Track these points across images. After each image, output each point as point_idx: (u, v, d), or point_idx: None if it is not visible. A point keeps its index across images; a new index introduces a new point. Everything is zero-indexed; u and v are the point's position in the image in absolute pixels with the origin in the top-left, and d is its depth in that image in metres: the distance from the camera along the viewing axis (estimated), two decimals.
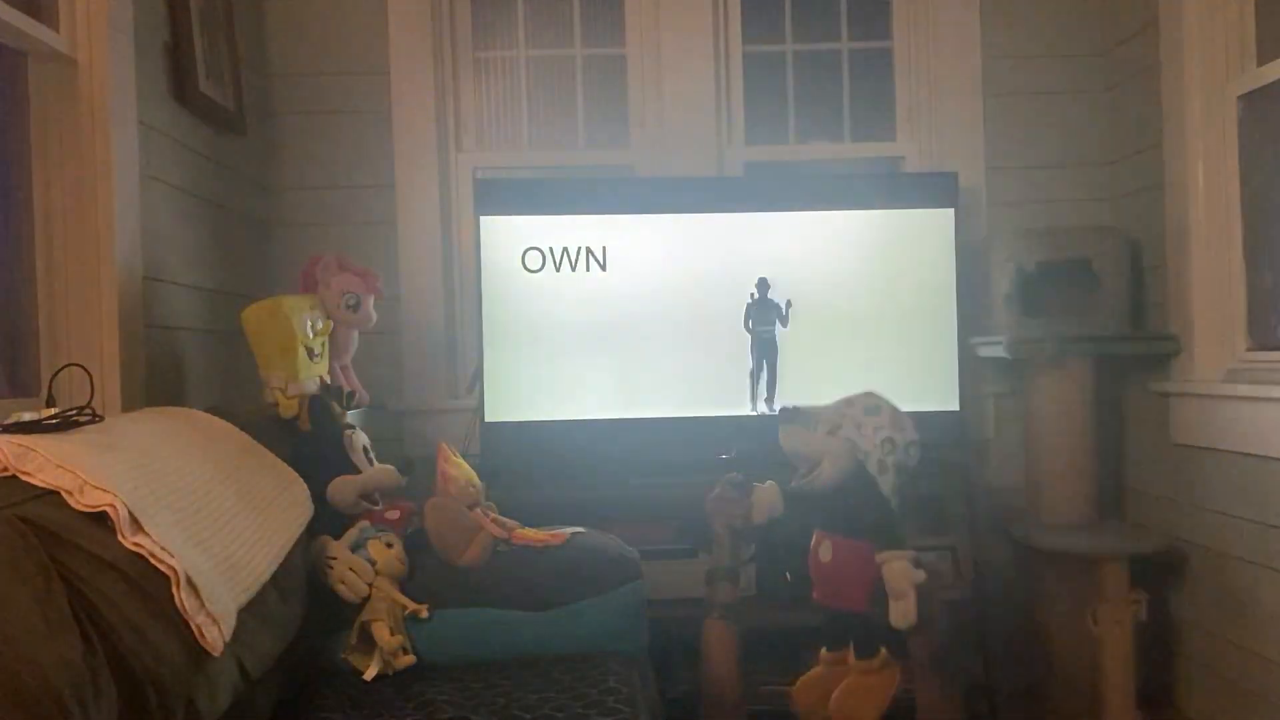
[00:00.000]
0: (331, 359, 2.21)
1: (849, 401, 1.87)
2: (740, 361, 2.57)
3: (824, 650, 1.82)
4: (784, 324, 2.47)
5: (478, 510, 1.95)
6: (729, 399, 2.58)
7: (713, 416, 2.57)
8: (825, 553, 1.79)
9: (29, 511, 1.15)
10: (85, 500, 1.22)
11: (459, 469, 1.98)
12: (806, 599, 1.84)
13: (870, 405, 1.85)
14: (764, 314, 2.50)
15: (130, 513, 1.23)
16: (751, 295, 2.50)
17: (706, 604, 1.92)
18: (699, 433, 2.56)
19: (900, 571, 1.72)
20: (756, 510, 1.85)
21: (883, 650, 1.78)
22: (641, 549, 2.05)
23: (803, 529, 1.85)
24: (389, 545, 1.83)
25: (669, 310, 2.58)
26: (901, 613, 1.70)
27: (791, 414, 1.87)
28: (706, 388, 2.59)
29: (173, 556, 1.24)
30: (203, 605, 1.26)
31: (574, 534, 1.97)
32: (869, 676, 1.77)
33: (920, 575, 1.72)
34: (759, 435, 2.39)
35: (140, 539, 1.23)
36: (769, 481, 1.84)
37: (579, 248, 2.56)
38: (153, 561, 1.22)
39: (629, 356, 2.58)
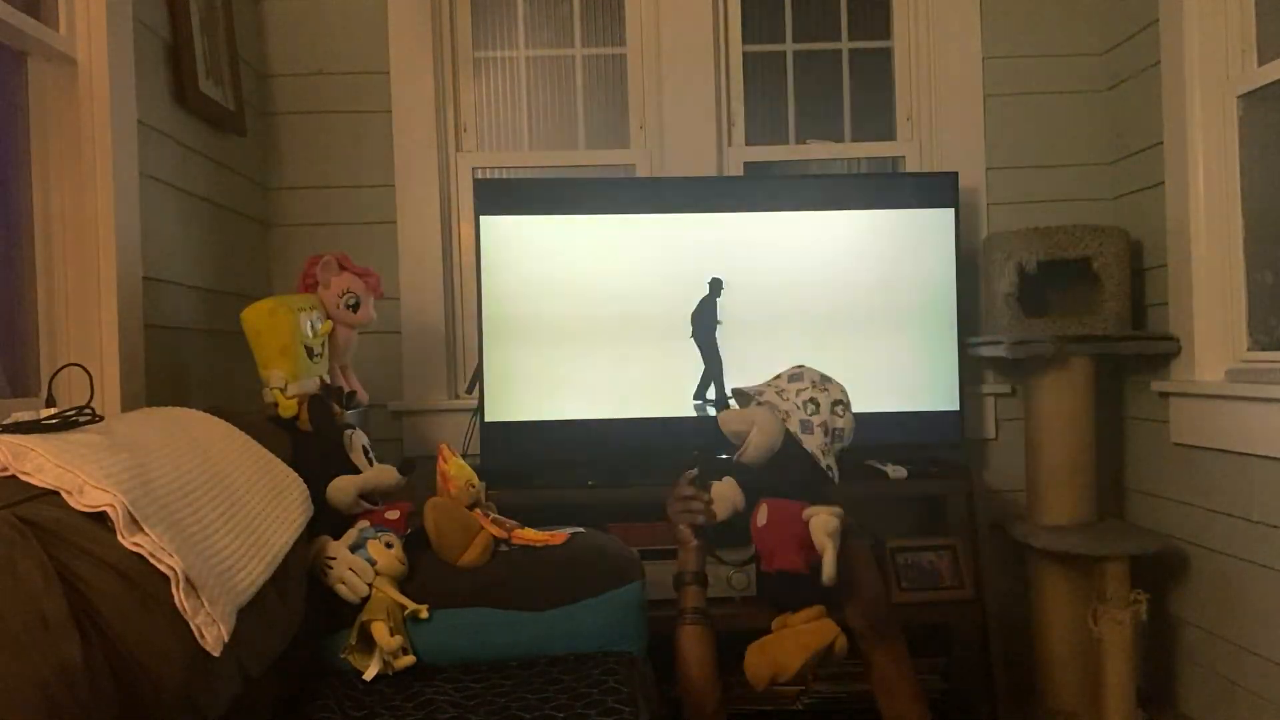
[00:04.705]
0: (331, 359, 2.21)
1: (778, 375, 1.87)
2: (740, 359, 2.57)
3: (776, 617, 1.80)
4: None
5: (478, 510, 1.95)
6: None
7: (713, 416, 2.58)
8: (761, 516, 1.77)
9: (29, 511, 1.15)
10: (85, 500, 1.22)
11: (459, 469, 1.98)
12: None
13: (795, 373, 1.86)
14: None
15: (130, 513, 1.23)
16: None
17: (678, 610, 1.90)
18: (700, 432, 2.56)
19: (819, 524, 1.69)
20: (718, 506, 1.84)
21: (819, 607, 1.76)
22: (641, 549, 2.05)
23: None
24: (389, 545, 1.82)
25: (670, 310, 2.59)
26: (823, 566, 1.68)
27: (735, 396, 1.88)
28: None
29: (172, 556, 1.24)
30: (203, 605, 1.26)
31: (574, 534, 1.97)
32: (799, 627, 1.75)
33: (834, 523, 1.68)
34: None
35: (140, 539, 1.23)
36: (725, 478, 1.82)
37: (579, 248, 2.56)
38: (152, 561, 1.22)
39: (629, 356, 2.58)
